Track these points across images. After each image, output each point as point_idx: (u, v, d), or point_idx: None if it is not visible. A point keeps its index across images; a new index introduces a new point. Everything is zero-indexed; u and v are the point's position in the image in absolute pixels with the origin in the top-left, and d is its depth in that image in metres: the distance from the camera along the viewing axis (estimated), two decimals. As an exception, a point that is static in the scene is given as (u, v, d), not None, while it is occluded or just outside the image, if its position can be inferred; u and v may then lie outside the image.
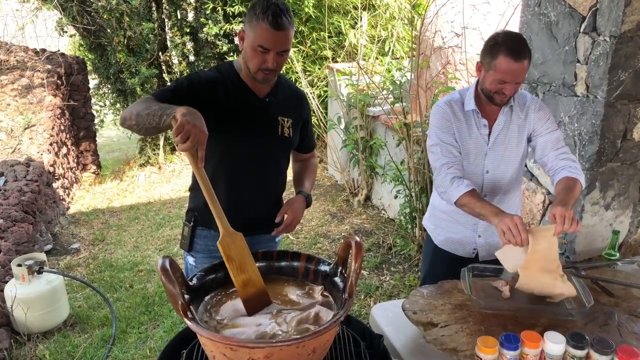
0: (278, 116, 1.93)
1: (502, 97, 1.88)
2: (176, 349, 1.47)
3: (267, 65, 1.73)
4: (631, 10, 2.06)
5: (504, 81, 1.83)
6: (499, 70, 1.82)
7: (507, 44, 1.81)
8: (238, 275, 1.42)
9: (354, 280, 1.34)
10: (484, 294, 1.78)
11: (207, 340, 1.22)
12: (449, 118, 1.99)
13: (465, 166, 2.02)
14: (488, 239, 2.11)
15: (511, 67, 1.79)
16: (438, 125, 2.01)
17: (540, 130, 1.99)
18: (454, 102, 2.02)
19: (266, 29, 1.67)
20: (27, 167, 4.64)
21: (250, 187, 1.96)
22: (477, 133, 2.00)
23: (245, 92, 1.88)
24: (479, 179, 2.04)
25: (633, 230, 2.53)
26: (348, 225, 4.72)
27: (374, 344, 1.50)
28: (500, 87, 1.86)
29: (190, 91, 1.79)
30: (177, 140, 1.40)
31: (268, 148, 1.95)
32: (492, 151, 2.01)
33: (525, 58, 1.81)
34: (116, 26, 6.11)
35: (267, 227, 2.11)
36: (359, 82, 4.86)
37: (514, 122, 2.00)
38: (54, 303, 3.16)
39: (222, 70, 1.91)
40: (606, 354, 1.38)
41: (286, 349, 1.19)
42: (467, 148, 2.01)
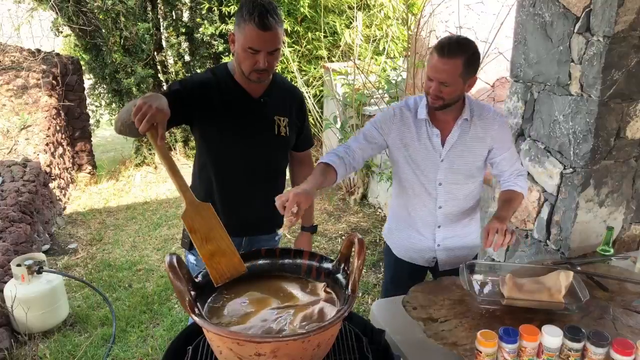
0: (274, 116, 1.95)
1: (434, 99, 1.85)
2: (181, 346, 1.49)
3: (259, 65, 1.74)
4: (624, 10, 2.10)
5: (430, 78, 1.83)
6: (427, 67, 1.83)
7: (439, 44, 1.80)
8: (204, 245, 1.42)
9: (357, 276, 1.37)
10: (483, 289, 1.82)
11: (214, 335, 1.25)
12: (388, 122, 1.97)
13: (419, 176, 2.00)
14: (447, 249, 2.11)
15: (435, 64, 1.78)
16: (378, 121, 1.99)
17: (501, 150, 1.99)
18: (407, 109, 1.98)
19: (254, 30, 1.69)
20: (23, 167, 4.64)
21: (248, 187, 1.98)
22: (428, 142, 1.95)
23: (239, 93, 1.89)
24: (433, 190, 2.01)
25: (626, 227, 2.58)
26: (345, 223, 4.75)
27: (375, 339, 1.53)
28: (428, 86, 1.84)
29: (182, 93, 1.81)
30: (135, 123, 1.43)
31: (265, 148, 1.96)
32: (446, 163, 1.97)
33: (453, 57, 1.76)
34: (112, 26, 6.11)
35: (266, 227, 2.13)
36: (355, 81, 4.89)
37: (471, 135, 1.96)
38: (53, 303, 3.17)
39: (216, 72, 1.93)
40: (602, 346, 1.41)
41: (292, 344, 1.22)
42: (416, 157, 1.98)
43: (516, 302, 1.69)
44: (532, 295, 1.70)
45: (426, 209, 2.05)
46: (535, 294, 1.71)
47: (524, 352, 1.45)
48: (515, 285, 1.74)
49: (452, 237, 2.09)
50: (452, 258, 2.12)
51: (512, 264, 2.07)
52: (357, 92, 4.85)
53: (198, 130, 1.92)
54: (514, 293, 1.71)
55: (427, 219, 2.06)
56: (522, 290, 1.72)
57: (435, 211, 2.04)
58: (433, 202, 2.03)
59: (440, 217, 2.05)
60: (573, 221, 2.45)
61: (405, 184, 2.06)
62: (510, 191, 2.01)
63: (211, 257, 1.42)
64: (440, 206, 2.03)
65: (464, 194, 2.04)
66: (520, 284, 1.74)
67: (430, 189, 2.01)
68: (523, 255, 2.79)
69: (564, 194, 2.47)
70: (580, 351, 1.44)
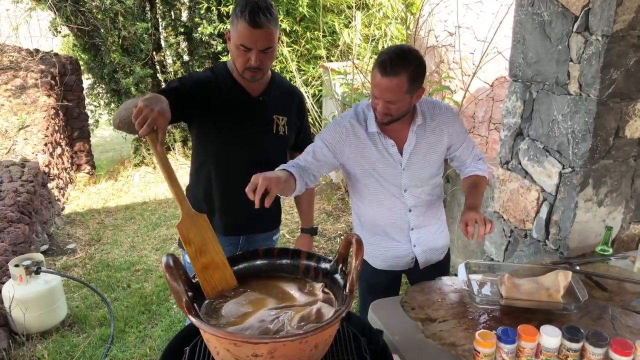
0: (272, 114, 1.95)
1: (382, 115, 1.79)
2: (179, 347, 1.49)
3: (251, 63, 1.75)
4: (623, 9, 2.09)
5: (375, 96, 1.76)
6: (371, 83, 1.77)
7: (379, 60, 1.71)
8: (197, 258, 1.41)
9: (355, 277, 1.37)
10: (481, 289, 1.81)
11: (211, 336, 1.24)
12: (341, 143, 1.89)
13: (383, 184, 1.97)
14: (424, 246, 2.10)
15: (381, 83, 1.70)
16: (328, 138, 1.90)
17: (458, 143, 2.00)
18: (357, 121, 1.90)
19: (245, 28, 1.70)
20: (22, 167, 4.63)
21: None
22: (387, 154, 1.91)
23: (238, 91, 1.90)
24: (400, 196, 1.99)
25: (625, 226, 2.57)
26: (344, 223, 4.75)
27: (373, 339, 1.53)
28: (375, 103, 1.78)
29: (181, 91, 1.81)
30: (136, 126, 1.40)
31: (263, 146, 1.96)
32: (408, 171, 1.95)
33: (396, 74, 1.68)
34: (110, 26, 6.10)
35: (264, 226, 2.13)
36: (354, 81, 4.89)
37: (428, 138, 1.94)
38: (52, 303, 3.16)
39: (215, 70, 1.94)
40: (601, 346, 1.41)
41: (289, 345, 1.21)
42: (378, 169, 1.94)
43: (515, 303, 1.69)
44: (530, 296, 1.70)
45: (396, 215, 2.02)
46: (534, 294, 1.70)
47: (522, 352, 1.45)
48: (513, 285, 1.73)
49: (425, 234, 2.09)
50: (430, 253, 2.12)
51: (510, 264, 2.07)
52: (356, 91, 4.84)
53: (196, 128, 1.92)
54: (513, 293, 1.71)
55: (399, 224, 2.04)
56: (521, 291, 1.72)
57: (406, 215, 2.03)
58: (402, 207, 2.01)
59: (412, 220, 2.04)
60: (572, 221, 2.44)
61: (369, 196, 2.01)
62: (473, 176, 2.05)
63: (204, 270, 1.40)
64: (410, 209, 2.02)
65: (429, 192, 2.04)
66: (518, 284, 1.74)
67: (397, 195, 1.98)
68: (522, 255, 2.78)
69: (563, 194, 2.47)
70: (579, 351, 1.44)
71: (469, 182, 2.04)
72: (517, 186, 2.72)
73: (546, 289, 1.71)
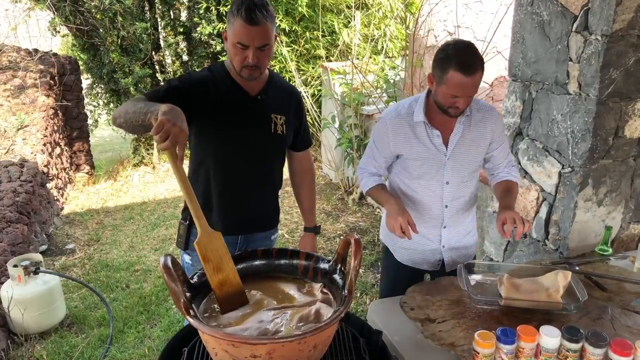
0: (271, 114, 1.94)
1: (456, 110, 1.83)
2: (177, 347, 1.49)
3: (249, 61, 1.74)
4: (622, 9, 2.09)
5: (456, 96, 1.77)
6: (450, 86, 1.75)
7: (458, 57, 1.72)
8: (214, 275, 1.40)
9: (354, 277, 1.36)
10: (480, 290, 1.81)
11: (209, 337, 1.24)
12: (385, 139, 1.98)
13: (424, 178, 1.99)
14: (452, 248, 2.11)
15: (462, 82, 1.72)
16: (376, 139, 2.04)
17: (497, 142, 2.03)
18: (402, 116, 1.96)
19: (241, 25, 1.69)
20: (21, 167, 4.62)
21: (245, 185, 1.98)
22: (430, 144, 1.94)
23: (236, 90, 1.89)
24: (439, 190, 2.00)
25: (625, 226, 2.57)
26: (343, 223, 4.75)
27: (372, 340, 1.52)
28: (453, 102, 1.79)
29: (181, 90, 1.81)
30: (156, 140, 1.38)
31: (261, 146, 1.96)
32: (451, 161, 1.96)
33: (477, 71, 1.74)
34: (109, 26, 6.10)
35: (262, 225, 2.12)
36: (353, 81, 4.88)
37: (473, 131, 1.96)
38: (50, 303, 3.16)
39: (213, 70, 1.93)
40: (600, 347, 1.41)
41: (288, 345, 1.21)
42: (420, 160, 1.96)
43: (514, 303, 1.68)
44: (530, 296, 1.69)
45: (432, 211, 2.04)
46: (533, 294, 1.70)
47: (521, 352, 1.44)
48: (512, 285, 1.73)
49: (455, 236, 2.10)
50: (457, 257, 2.13)
51: (510, 264, 2.06)
52: (356, 91, 4.84)
53: (194, 127, 1.92)
54: (512, 293, 1.70)
55: (433, 220, 2.06)
56: (520, 291, 1.71)
57: (442, 211, 2.04)
58: (439, 202, 2.03)
59: (446, 217, 2.05)
60: (571, 221, 2.44)
61: (407, 188, 2.05)
62: (506, 181, 2.07)
63: (221, 287, 1.39)
64: (446, 205, 2.03)
65: (469, 191, 2.06)
66: (517, 284, 1.73)
67: (437, 189, 2.00)
68: (521, 254, 2.78)
69: (563, 194, 2.47)
70: (579, 352, 1.44)
71: (503, 186, 2.05)
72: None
73: (545, 289, 1.71)
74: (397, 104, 2.03)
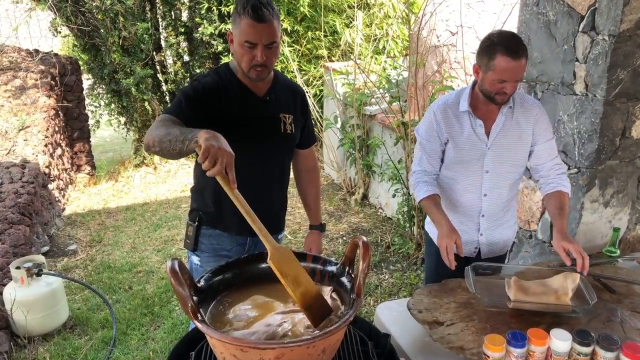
0: (279, 113, 1.94)
1: (503, 96, 1.90)
2: (184, 352, 1.47)
3: (257, 60, 1.72)
4: (630, 9, 2.07)
5: (504, 80, 1.84)
6: (498, 70, 1.83)
7: (504, 43, 1.81)
8: (296, 289, 1.34)
9: (362, 280, 1.35)
10: (488, 292, 1.79)
11: (217, 341, 1.22)
12: (434, 127, 2.03)
13: (464, 166, 2.04)
14: (489, 237, 2.14)
15: (510, 66, 1.80)
16: (424, 132, 2.07)
17: (540, 138, 2.03)
18: (449, 105, 2.03)
19: (249, 24, 1.68)
20: (22, 168, 4.61)
21: (258, 186, 1.95)
22: (473, 133, 2.01)
23: (245, 92, 1.88)
24: (478, 178, 2.05)
25: (632, 227, 2.56)
26: (346, 224, 4.73)
27: (380, 343, 1.51)
28: (500, 87, 1.87)
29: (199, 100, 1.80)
30: (205, 166, 1.36)
31: (272, 147, 1.95)
32: (492, 151, 2.02)
33: (523, 55, 1.82)
34: (110, 26, 6.07)
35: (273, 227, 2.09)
36: (355, 81, 4.87)
37: (515, 123, 2.01)
38: (53, 305, 3.14)
39: (220, 73, 1.91)
40: (612, 350, 1.40)
41: (297, 350, 1.19)
42: (462, 148, 2.02)
43: (523, 305, 1.67)
44: (538, 298, 1.68)
45: (471, 198, 2.08)
46: (542, 297, 1.68)
47: (532, 356, 1.43)
48: (521, 288, 1.71)
49: (493, 225, 2.13)
50: (493, 247, 2.16)
51: (517, 266, 2.05)
52: (358, 91, 4.82)
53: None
54: (520, 296, 1.69)
55: (471, 207, 2.10)
56: (529, 293, 1.70)
57: (480, 199, 2.08)
58: (478, 190, 2.07)
59: (485, 205, 2.09)
60: (578, 222, 2.43)
61: (447, 175, 2.09)
62: (559, 195, 2.03)
63: (303, 299, 1.32)
64: (485, 194, 2.07)
65: (509, 182, 2.08)
66: (526, 287, 1.72)
67: (476, 178, 2.05)
68: (527, 256, 2.76)
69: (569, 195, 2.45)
70: (590, 355, 1.43)
71: (557, 203, 2.01)
72: (522, 187, 2.70)
73: (554, 292, 1.69)
74: (445, 95, 2.08)
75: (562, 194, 2.02)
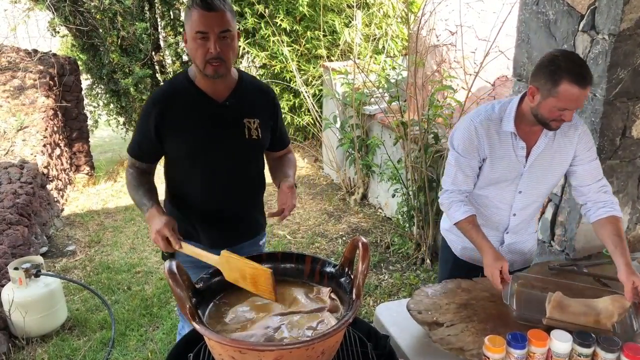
0: (243, 119, 1.84)
1: (559, 123, 1.77)
2: (182, 353, 1.47)
3: (211, 52, 1.65)
4: (630, 8, 2.07)
5: (565, 108, 1.71)
6: (562, 98, 1.68)
7: (571, 70, 1.67)
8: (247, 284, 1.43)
9: (362, 281, 1.34)
10: (527, 304, 1.72)
11: (215, 343, 1.22)
12: (475, 143, 1.89)
13: (498, 186, 1.95)
14: (511, 250, 2.08)
15: (576, 95, 1.67)
16: (462, 146, 1.91)
17: (583, 158, 1.91)
18: (492, 121, 1.88)
19: (199, 13, 1.63)
20: (21, 169, 4.60)
21: (226, 197, 1.90)
22: (513, 154, 1.89)
23: (202, 99, 1.79)
24: (510, 198, 1.96)
25: (632, 227, 2.55)
26: (345, 224, 4.72)
27: (380, 344, 1.50)
28: (559, 114, 1.73)
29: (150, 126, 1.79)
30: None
31: (237, 153, 1.86)
32: (529, 173, 1.92)
33: (590, 83, 1.69)
34: (109, 26, 6.07)
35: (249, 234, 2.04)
36: (355, 80, 4.86)
37: (556, 144, 1.90)
38: (52, 306, 3.13)
39: (175, 82, 1.85)
40: (612, 351, 1.39)
41: (296, 352, 1.19)
42: (498, 168, 1.91)
43: (556, 324, 1.56)
44: (576, 318, 1.59)
45: (499, 216, 2.01)
46: (580, 317, 1.59)
47: (532, 357, 1.43)
48: (559, 305, 1.63)
49: (516, 240, 2.07)
50: (513, 260, 2.07)
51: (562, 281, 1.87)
52: (357, 91, 4.82)
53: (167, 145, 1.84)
54: (556, 313, 1.60)
55: (498, 224, 2.03)
56: (567, 312, 1.61)
57: (509, 218, 2.01)
58: (508, 209, 1.99)
59: (512, 224, 2.02)
60: (578, 222, 2.42)
61: (478, 191, 1.99)
62: (614, 220, 1.88)
63: (255, 286, 1.44)
64: (514, 213, 2.00)
65: (540, 202, 2.01)
66: (565, 304, 1.63)
67: (508, 197, 1.96)
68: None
69: (569, 194, 2.44)
70: (590, 356, 1.42)
71: (614, 230, 1.85)
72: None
73: (596, 314, 1.60)
74: (482, 107, 1.93)
75: (617, 220, 1.88)
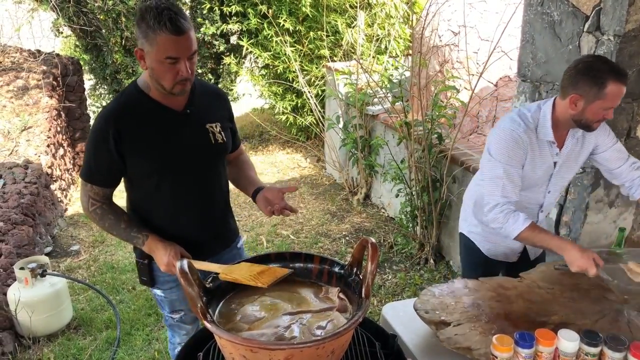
0: (205, 124, 1.79)
1: (600, 123, 1.86)
2: (192, 352, 1.48)
3: (182, 74, 1.60)
4: (635, 9, 2.07)
5: (611, 107, 1.79)
6: (609, 98, 1.75)
7: (612, 70, 1.75)
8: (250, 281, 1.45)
9: (370, 281, 1.35)
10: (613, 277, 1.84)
11: (227, 342, 1.23)
12: (521, 152, 1.90)
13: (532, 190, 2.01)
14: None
15: (621, 92, 1.76)
16: (506, 156, 1.90)
17: (605, 144, 2.00)
18: (531, 130, 1.91)
19: (169, 39, 1.54)
20: (25, 169, 4.61)
21: (198, 208, 1.85)
22: (550, 160, 1.97)
23: (160, 110, 1.72)
24: (541, 198, 2.06)
25: (636, 227, 2.56)
26: (348, 224, 4.73)
27: (388, 344, 1.51)
28: (604, 114, 1.80)
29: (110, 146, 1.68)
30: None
31: (204, 160, 1.82)
32: (557, 174, 2.02)
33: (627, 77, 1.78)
34: (112, 27, 6.09)
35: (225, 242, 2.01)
36: (358, 81, 4.87)
37: (580, 143, 1.99)
38: (57, 306, 3.15)
39: (126, 96, 1.74)
40: (620, 350, 1.40)
41: (306, 351, 1.20)
42: (537, 173, 1.98)
43: None
44: None
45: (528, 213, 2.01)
46: None
47: (540, 357, 1.43)
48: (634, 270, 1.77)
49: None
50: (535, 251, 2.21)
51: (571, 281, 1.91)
52: (360, 91, 4.82)
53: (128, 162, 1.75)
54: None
55: None
56: None
57: (537, 215, 2.10)
58: (537, 208, 2.09)
59: (540, 219, 2.12)
60: (583, 222, 2.43)
61: None
62: None
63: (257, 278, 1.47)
64: (542, 210, 2.10)
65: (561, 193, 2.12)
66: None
67: (539, 197, 2.06)
68: (531, 256, 2.76)
69: (573, 195, 2.45)
70: (597, 356, 1.43)
71: None
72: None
73: None
74: (515, 116, 1.94)
75: None
